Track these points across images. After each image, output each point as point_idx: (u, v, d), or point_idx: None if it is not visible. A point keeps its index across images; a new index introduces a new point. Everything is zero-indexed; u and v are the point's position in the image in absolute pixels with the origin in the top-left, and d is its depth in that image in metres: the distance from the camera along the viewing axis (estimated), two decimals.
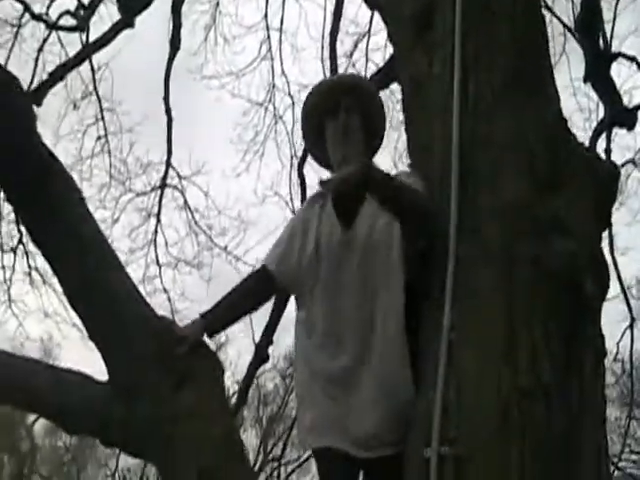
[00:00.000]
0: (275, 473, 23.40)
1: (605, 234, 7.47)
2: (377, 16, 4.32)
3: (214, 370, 2.89)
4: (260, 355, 6.51)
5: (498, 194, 2.69)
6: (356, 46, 9.21)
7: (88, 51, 7.03)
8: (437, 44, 3.14)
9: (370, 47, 8.78)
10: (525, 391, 2.36)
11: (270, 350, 6.79)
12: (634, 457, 19.03)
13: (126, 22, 6.47)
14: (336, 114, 2.94)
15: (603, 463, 2.48)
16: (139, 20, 7.24)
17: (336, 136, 2.94)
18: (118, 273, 2.95)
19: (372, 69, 9.09)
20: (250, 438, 25.31)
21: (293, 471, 20.41)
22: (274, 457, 26.00)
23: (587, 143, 7.52)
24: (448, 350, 2.48)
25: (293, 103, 9.01)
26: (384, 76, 5.81)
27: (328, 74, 7.66)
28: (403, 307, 2.70)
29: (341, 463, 2.66)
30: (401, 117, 3.66)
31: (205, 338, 2.91)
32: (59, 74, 6.75)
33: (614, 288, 7.77)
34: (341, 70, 8.37)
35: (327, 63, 8.03)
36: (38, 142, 2.89)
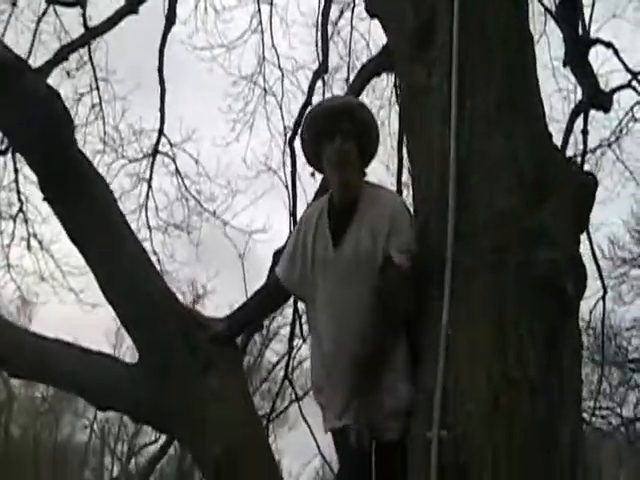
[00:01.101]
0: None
1: None
2: None
3: (236, 358, 3.25)
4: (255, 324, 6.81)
5: (491, 207, 3.02)
6: (342, 14, 9.38)
7: (91, 34, 7.24)
8: (436, 60, 3.43)
9: (355, 15, 8.95)
10: (513, 382, 2.72)
11: None
12: (603, 412, 19.76)
13: (130, 9, 6.68)
14: (333, 138, 3.07)
15: (579, 438, 2.87)
16: None
17: (332, 160, 3.10)
18: (147, 266, 3.29)
19: (356, 37, 9.37)
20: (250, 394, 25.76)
21: (271, 421, 20.80)
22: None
23: (565, 123, 7.88)
24: (446, 345, 2.84)
25: (283, 75, 9.26)
26: (375, 66, 6.08)
27: (320, 52, 7.93)
28: None
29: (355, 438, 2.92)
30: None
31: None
32: (63, 55, 6.96)
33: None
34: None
35: (317, 34, 8.31)
36: (76, 148, 3.21)
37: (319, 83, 8.17)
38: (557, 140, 8.16)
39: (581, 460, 2.84)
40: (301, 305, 8.19)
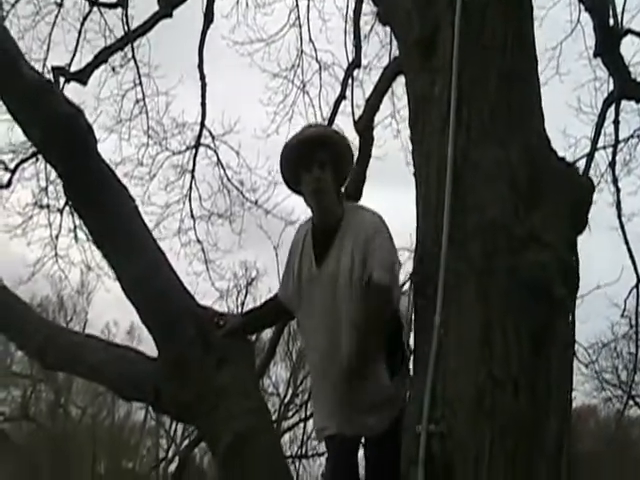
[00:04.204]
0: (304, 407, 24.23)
1: (613, 202, 7.94)
2: None
3: (248, 353, 3.49)
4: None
5: (483, 212, 3.19)
6: None
7: (128, 38, 7.51)
8: (438, 69, 3.60)
9: None
10: (497, 381, 2.91)
11: None
12: None
13: (165, 13, 6.93)
14: (310, 168, 3.32)
15: (565, 441, 3.00)
16: None
17: (310, 189, 3.35)
18: (166, 270, 3.52)
19: None
20: (280, 371, 26.25)
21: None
22: (304, 390, 26.88)
23: (597, 114, 7.92)
24: (438, 345, 3.03)
25: (320, 69, 9.44)
26: (399, 65, 6.24)
27: (351, 47, 8.10)
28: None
29: (341, 443, 3.31)
30: None
31: None
32: (103, 57, 7.25)
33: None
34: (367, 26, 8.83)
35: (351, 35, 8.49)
36: (100, 160, 3.45)
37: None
38: (589, 130, 8.30)
39: (566, 454, 2.99)
40: None
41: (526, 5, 3.73)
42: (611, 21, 7.43)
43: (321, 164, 3.32)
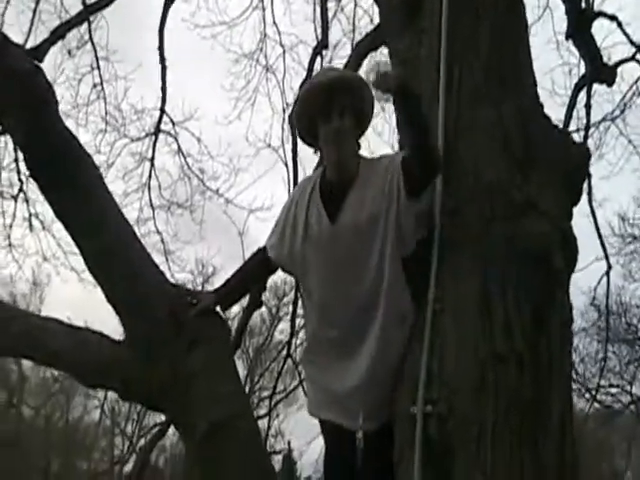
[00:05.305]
0: (262, 404, 23.98)
1: (585, 187, 7.83)
2: None
3: (223, 334, 3.22)
4: (254, 301, 6.82)
5: (477, 178, 2.99)
6: None
7: (89, 11, 7.19)
8: (425, 29, 3.40)
9: None
10: (500, 357, 2.70)
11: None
12: (613, 390, 19.76)
13: None
14: (329, 118, 3.00)
15: (568, 419, 2.81)
16: None
17: (329, 139, 3.02)
18: (135, 245, 3.24)
19: (360, 14, 9.24)
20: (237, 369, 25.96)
21: (279, 402, 20.87)
22: (261, 387, 26.62)
23: (568, 97, 7.80)
24: (432, 321, 2.81)
25: (284, 52, 9.16)
26: (371, 41, 6.03)
27: (319, 29, 7.87)
28: (400, 281, 2.97)
29: (339, 433, 3.06)
30: None
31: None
32: (60, 33, 6.92)
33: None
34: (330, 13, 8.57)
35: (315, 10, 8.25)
36: (61, 125, 3.15)
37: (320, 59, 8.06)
38: (560, 114, 8.16)
39: (570, 433, 2.79)
40: None
41: None
42: (582, 4, 7.30)
43: (341, 110, 2.99)
